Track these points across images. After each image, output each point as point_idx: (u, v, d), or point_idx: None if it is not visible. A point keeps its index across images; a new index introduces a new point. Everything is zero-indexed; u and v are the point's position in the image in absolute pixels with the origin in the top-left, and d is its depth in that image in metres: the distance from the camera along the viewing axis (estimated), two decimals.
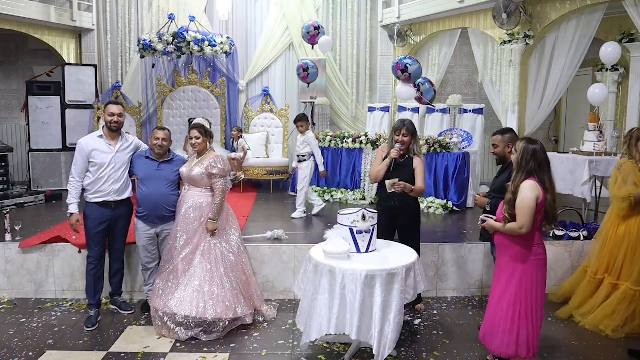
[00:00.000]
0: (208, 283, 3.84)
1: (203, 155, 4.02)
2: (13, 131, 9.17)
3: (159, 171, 4.08)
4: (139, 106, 8.41)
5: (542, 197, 2.94)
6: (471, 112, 7.66)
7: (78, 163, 3.95)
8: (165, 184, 4.07)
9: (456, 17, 7.55)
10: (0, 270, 4.62)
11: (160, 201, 4.05)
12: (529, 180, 2.96)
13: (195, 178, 3.94)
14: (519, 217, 2.94)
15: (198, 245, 3.94)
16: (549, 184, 2.98)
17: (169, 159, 4.15)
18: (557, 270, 4.81)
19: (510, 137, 3.77)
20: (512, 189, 3.00)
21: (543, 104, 6.97)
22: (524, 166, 2.98)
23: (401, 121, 4.02)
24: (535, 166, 2.96)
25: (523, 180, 2.97)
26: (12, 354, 3.56)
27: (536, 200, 2.92)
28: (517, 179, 2.99)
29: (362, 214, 3.42)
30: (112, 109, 4.01)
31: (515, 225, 2.97)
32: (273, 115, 8.61)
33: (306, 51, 8.67)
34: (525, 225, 2.93)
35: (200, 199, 3.97)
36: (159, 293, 3.93)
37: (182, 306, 3.73)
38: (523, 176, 2.97)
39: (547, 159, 3.00)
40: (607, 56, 5.85)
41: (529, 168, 2.96)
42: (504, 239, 3.10)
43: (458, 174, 6.52)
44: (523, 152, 2.99)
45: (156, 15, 8.72)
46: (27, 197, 6.69)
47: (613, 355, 3.57)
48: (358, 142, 7.16)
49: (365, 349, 3.55)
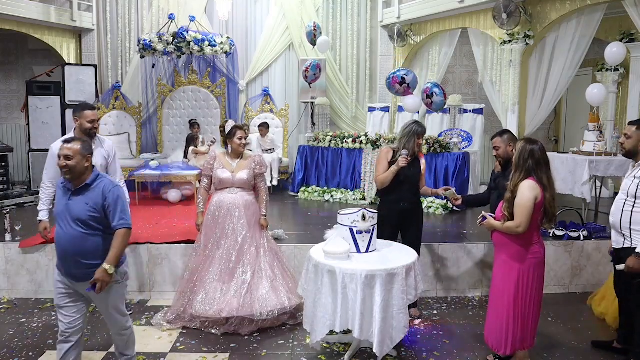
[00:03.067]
0: (279, 275, 4.00)
1: (241, 157, 4.03)
2: (13, 131, 9.17)
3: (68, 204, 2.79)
4: (139, 106, 8.41)
5: (540, 196, 2.97)
6: (471, 112, 7.66)
7: (50, 168, 3.84)
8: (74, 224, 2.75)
9: (456, 17, 7.55)
10: (0, 270, 4.62)
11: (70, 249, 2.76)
12: (528, 179, 2.98)
13: (247, 181, 3.97)
14: (517, 216, 2.98)
15: (258, 242, 4.03)
16: (547, 183, 3.00)
17: (85, 185, 2.79)
18: (557, 270, 4.82)
19: (509, 136, 3.78)
20: (511, 187, 3.03)
21: (543, 104, 6.97)
22: (522, 165, 3.01)
23: (419, 124, 3.94)
24: (533, 165, 2.98)
25: (522, 179, 2.99)
26: (12, 354, 3.56)
27: (534, 200, 2.95)
28: (515, 178, 3.02)
29: (362, 214, 3.41)
30: (90, 116, 3.83)
31: (512, 224, 3.00)
32: (273, 115, 8.61)
33: (306, 51, 8.67)
34: (523, 224, 2.96)
35: (246, 197, 4.01)
36: (218, 300, 3.83)
37: (268, 302, 3.82)
38: (522, 175, 3.00)
39: (545, 158, 3.02)
40: (612, 56, 5.82)
41: (527, 167, 2.99)
42: (503, 237, 3.13)
43: (458, 174, 6.52)
44: (521, 151, 3.03)
45: (156, 15, 8.72)
46: (27, 197, 6.69)
47: (613, 355, 3.57)
48: (358, 142, 7.16)
49: (366, 349, 3.55)
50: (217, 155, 4.07)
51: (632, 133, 3.30)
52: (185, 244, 4.64)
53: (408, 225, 4.01)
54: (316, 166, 7.58)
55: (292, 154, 8.61)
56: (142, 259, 4.66)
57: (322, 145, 7.56)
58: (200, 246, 4.07)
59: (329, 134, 7.54)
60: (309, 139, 7.92)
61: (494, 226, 3.16)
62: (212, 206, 4.02)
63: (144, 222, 5.45)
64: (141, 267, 4.66)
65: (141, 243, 4.69)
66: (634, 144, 3.29)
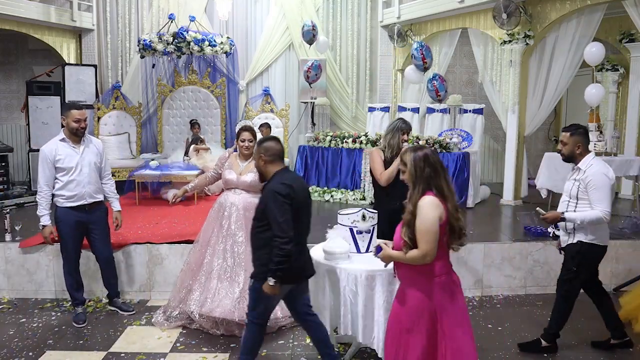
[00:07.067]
0: None
1: (249, 159, 3.91)
2: (13, 131, 9.17)
3: None
4: (139, 106, 8.41)
5: (445, 213, 2.46)
6: (471, 112, 7.66)
7: (44, 171, 3.85)
8: None
9: (456, 17, 7.55)
10: (0, 270, 4.62)
11: None
12: (427, 195, 2.47)
13: (252, 183, 3.83)
14: (421, 242, 2.41)
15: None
16: (447, 190, 2.50)
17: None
18: (557, 270, 4.79)
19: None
20: (410, 207, 2.48)
21: (543, 104, 6.97)
22: (420, 175, 2.50)
23: (403, 121, 3.98)
24: (431, 172, 2.49)
25: (421, 194, 2.48)
26: (12, 354, 3.56)
27: (439, 220, 2.44)
28: (414, 195, 2.50)
29: (362, 214, 3.42)
30: (76, 115, 3.85)
31: (417, 252, 2.43)
32: (273, 115, 8.61)
33: (306, 51, 8.67)
34: (430, 252, 2.41)
35: (249, 199, 3.86)
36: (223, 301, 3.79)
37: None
38: (421, 189, 2.49)
39: (440, 162, 2.56)
40: (592, 56, 5.88)
41: (425, 176, 2.49)
42: (409, 270, 2.53)
43: (458, 174, 6.52)
44: (414, 160, 2.52)
45: (156, 15, 8.72)
46: (27, 197, 6.69)
47: (613, 355, 3.57)
48: (358, 142, 7.16)
49: (366, 348, 3.55)
50: (231, 155, 4.06)
51: (567, 139, 3.46)
52: (185, 244, 4.63)
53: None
54: (316, 166, 7.58)
55: (292, 154, 8.61)
56: (142, 259, 4.66)
57: (322, 145, 7.56)
58: (198, 243, 4.07)
59: (329, 134, 7.54)
60: (309, 139, 7.92)
61: (393, 257, 2.57)
62: (216, 205, 4.02)
63: (143, 222, 5.45)
64: (141, 267, 4.66)
65: (141, 243, 4.69)
66: (570, 149, 3.46)
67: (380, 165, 3.90)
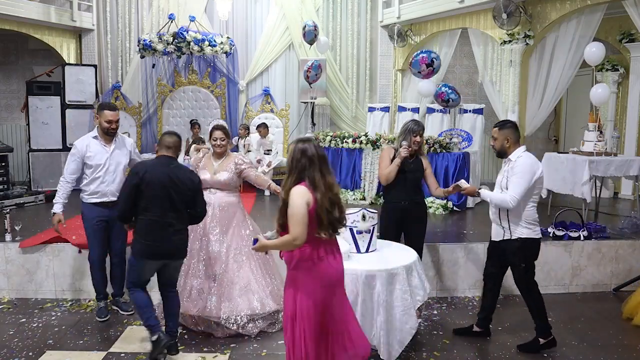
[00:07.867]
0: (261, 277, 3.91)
1: (223, 157, 3.98)
2: (13, 131, 9.18)
3: None
4: (139, 106, 8.41)
5: (313, 202, 2.53)
6: (471, 112, 7.66)
7: (71, 164, 3.96)
8: None
9: (456, 17, 7.55)
10: (0, 270, 4.62)
11: None
12: (299, 185, 2.55)
13: (226, 182, 3.90)
14: (291, 226, 2.51)
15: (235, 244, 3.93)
16: (319, 180, 2.55)
17: None
18: (557, 270, 4.81)
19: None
20: (283, 195, 2.58)
21: (543, 104, 6.97)
22: (295, 166, 2.58)
23: (415, 122, 3.98)
24: (306, 163, 2.56)
25: (295, 183, 2.56)
26: (12, 354, 3.56)
27: (307, 206, 2.51)
28: (287, 183, 2.59)
29: (362, 214, 3.42)
30: (109, 116, 3.96)
31: (288, 237, 2.52)
32: (273, 115, 8.62)
33: (306, 51, 8.68)
34: (299, 235, 2.48)
35: (225, 198, 3.94)
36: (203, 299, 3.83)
37: (239, 307, 3.76)
38: (294, 179, 2.57)
39: (320, 155, 2.60)
40: (592, 56, 5.85)
41: (300, 167, 2.56)
42: (288, 254, 2.64)
43: (458, 174, 6.51)
44: (293, 152, 2.61)
45: (156, 15, 8.73)
46: (27, 197, 6.69)
47: (613, 356, 3.57)
48: (358, 142, 7.15)
49: None
50: (205, 155, 4.10)
51: (497, 134, 3.53)
52: None
53: (409, 225, 4.00)
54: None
55: None
56: None
57: (322, 145, 7.56)
58: None
59: (329, 134, 7.54)
60: None
61: (267, 246, 2.64)
62: None
63: None
64: None
65: None
66: (500, 143, 3.53)
67: (385, 163, 3.96)
